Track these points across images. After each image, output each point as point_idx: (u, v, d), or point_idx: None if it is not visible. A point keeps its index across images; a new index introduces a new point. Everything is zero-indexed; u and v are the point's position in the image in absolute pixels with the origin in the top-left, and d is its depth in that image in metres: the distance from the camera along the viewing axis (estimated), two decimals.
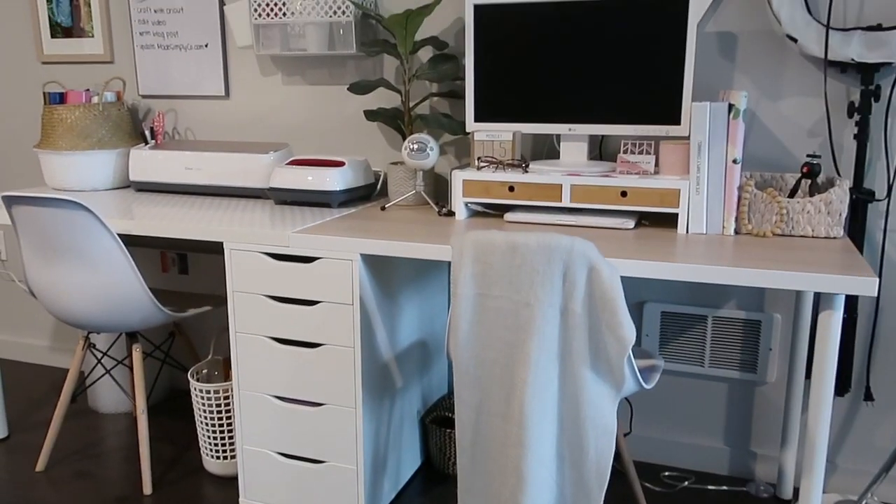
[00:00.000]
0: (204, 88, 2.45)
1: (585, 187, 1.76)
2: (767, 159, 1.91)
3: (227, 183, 2.22)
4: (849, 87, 1.81)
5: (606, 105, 1.86)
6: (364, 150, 2.31)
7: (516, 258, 1.37)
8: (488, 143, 1.93)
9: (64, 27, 2.59)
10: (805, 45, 1.76)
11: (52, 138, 2.34)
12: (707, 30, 1.90)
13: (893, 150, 1.80)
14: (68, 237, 1.84)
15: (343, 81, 2.28)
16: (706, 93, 1.93)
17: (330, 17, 2.10)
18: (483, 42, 1.93)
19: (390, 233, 1.70)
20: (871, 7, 1.76)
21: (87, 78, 2.61)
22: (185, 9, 2.40)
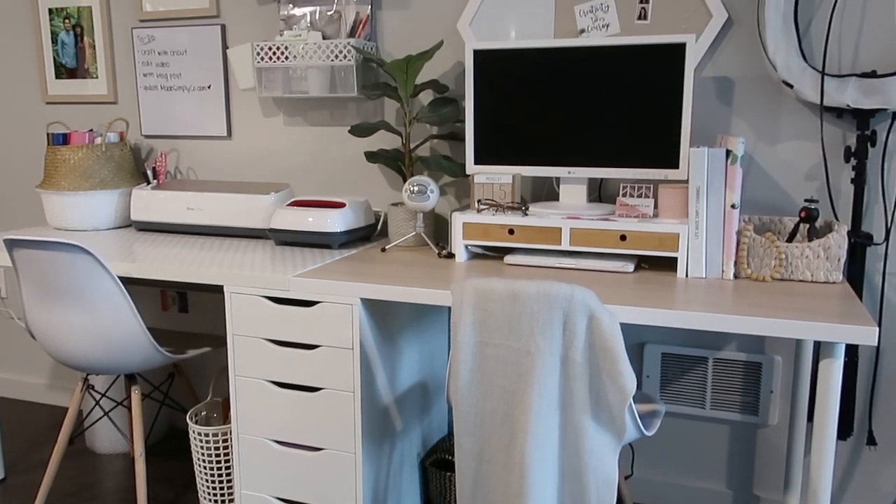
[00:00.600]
0: (206, 129, 2.48)
1: (585, 231, 1.77)
2: (766, 202, 1.92)
3: (228, 223, 2.23)
4: (845, 131, 1.83)
5: (605, 149, 1.88)
6: (365, 190, 2.33)
7: (516, 306, 1.37)
8: (488, 186, 1.94)
9: (68, 68, 2.62)
10: (801, 91, 1.78)
11: (54, 178, 2.35)
12: (704, 74, 1.92)
13: (890, 194, 1.81)
14: (69, 280, 1.84)
15: (344, 122, 2.31)
16: (704, 137, 1.94)
17: (331, 62, 2.13)
18: (483, 86, 1.95)
19: (390, 276, 1.71)
20: (865, 54, 1.78)
21: (90, 118, 2.64)
22: (189, 51, 2.44)
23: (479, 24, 2.09)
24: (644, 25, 1.94)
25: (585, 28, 1.99)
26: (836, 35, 1.80)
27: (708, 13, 1.88)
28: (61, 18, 2.59)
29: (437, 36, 2.15)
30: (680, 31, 1.91)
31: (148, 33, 2.48)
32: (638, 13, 1.94)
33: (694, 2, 1.89)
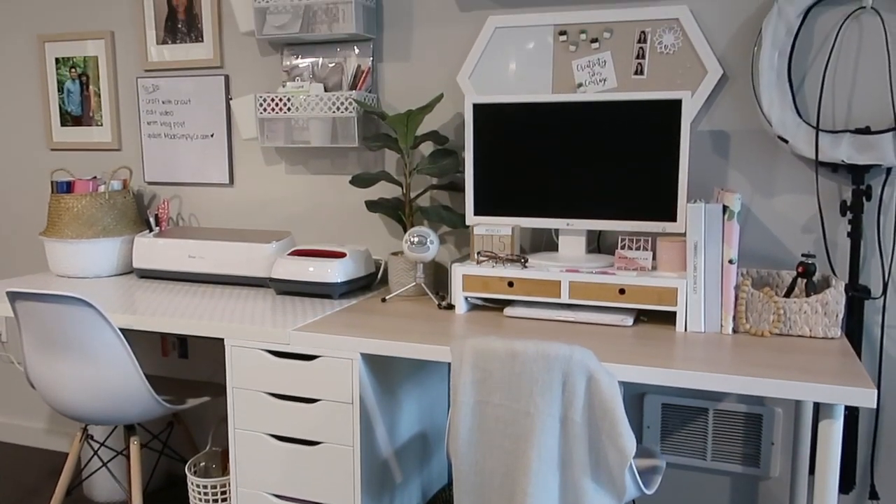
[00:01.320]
0: (209, 176, 2.50)
1: (584, 284, 1.78)
2: (763, 254, 1.93)
3: (229, 272, 2.25)
4: (840, 185, 1.85)
5: (604, 201, 1.90)
6: (365, 238, 2.34)
7: (516, 366, 1.37)
8: (487, 237, 1.96)
9: (74, 116, 2.66)
10: (796, 147, 1.80)
11: (58, 226, 2.37)
12: (701, 128, 1.95)
13: (887, 248, 1.82)
14: (71, 332, 1.85)
15: (345, 171, 2.33)
16: (701, 189, 1.96)
17: (333, 113, 2.16)
18: (482, 139, 1.98)
19: (390, 330, 1.71)
20: (859, 109, 1.81)
21: (94, 164, 2.67)
22: (193, 100, 2.47)
23: (478, 77, 2.12)
24: (641, 80, 1.97)
25: (583, 82, 2.02)
26: (830, 91, 1.83)
27: (703, 69, 1.91)
28: (68, 68, 2.64)
29: (437, 88, 2.19)
30: (676, 87, 1.94)
31: (152, 82, 2.52)
32: (634, 68, 1.97)
33: (689, 58, 1.92)
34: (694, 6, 1.91)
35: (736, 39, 1.89)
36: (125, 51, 2.55)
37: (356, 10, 2.11)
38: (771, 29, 1.79)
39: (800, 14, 1.78)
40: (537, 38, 2.05)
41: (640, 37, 1.96)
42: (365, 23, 2.16)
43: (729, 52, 1.90)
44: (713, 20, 1.90)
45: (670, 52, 1.94)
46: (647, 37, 1.95)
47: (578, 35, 2.01)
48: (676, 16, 1.91)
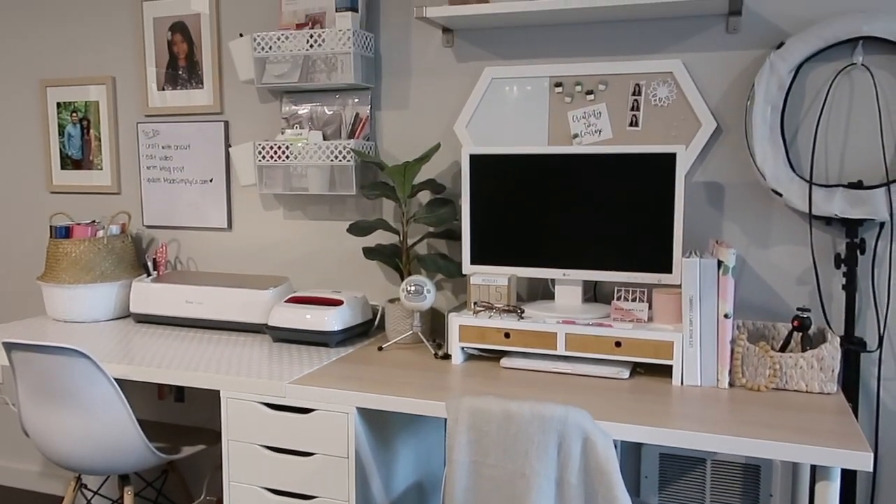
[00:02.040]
0: (207, 220, 2.51)
1: (580, 336, 1.79)
2: (759, 305, 1.94)
3: (226, 318, 2.25)
4: (834, 237, 1.86)
5: (599, 252, 1.91)
6: (363, 283, 2.35)
7: (511, 427, 1.37)
8: (484, 287, 1.96)
9: (74, 159, 2.68)
10: (790, 200, 1.82)
11: (55, 271, 2.38)
12: (695, 179, 1.97)
13: (881, 301, 1.83)
14: (66, 383, 1.84)
15: (343, 217, 2.34)
16: (697, 240, 1.98)
17: (331, 162, 2.18)
18: (479, 189, 1.99)
19: (387, 383, 1.71)
20: (851, 164, 1.83)
21: (94, 208, 2.68)
22: (192, 145, 2.49)
23: (475, 127, 2.14)
24: (636, 132, 1.99)
25: (579, 133, 2.05)
26: (823, 145, 1.85)
27: (697, 121, 1.93)
28: (69, 112, 2.66)
29: (434, 136, 2.21)
30: (670, 139, 1.96)
31: (153, 127, 2.54)
32: (629, 120, 2.00)
33: (683, 110, 1.94)
34: (687, 60, 1.93)
35: (729, 93, 1.91)
36: (126, 96, 2.58)
37: (355, 60, 2.14)
38: (763, 84, 1.81)
39: (791, 70, 1.80)
40: (533, 89, 2.08)
41: (634, 89, 1.99)
42: (363, 73, 2.19)
43: (722, 106, 1.92)
44: (706, 74, 1.93)
45: (665, 104, 1.96)
46: (642, 89, 1.98)
47: (574, 87, 2.04)
48: (670, 69, 1.94)
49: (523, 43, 2.08)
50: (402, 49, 2.21)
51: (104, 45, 2.59)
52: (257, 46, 2.20)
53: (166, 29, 2.48)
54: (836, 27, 1.75)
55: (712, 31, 1.91)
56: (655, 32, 1.96)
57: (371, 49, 2.21)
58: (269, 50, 2.19)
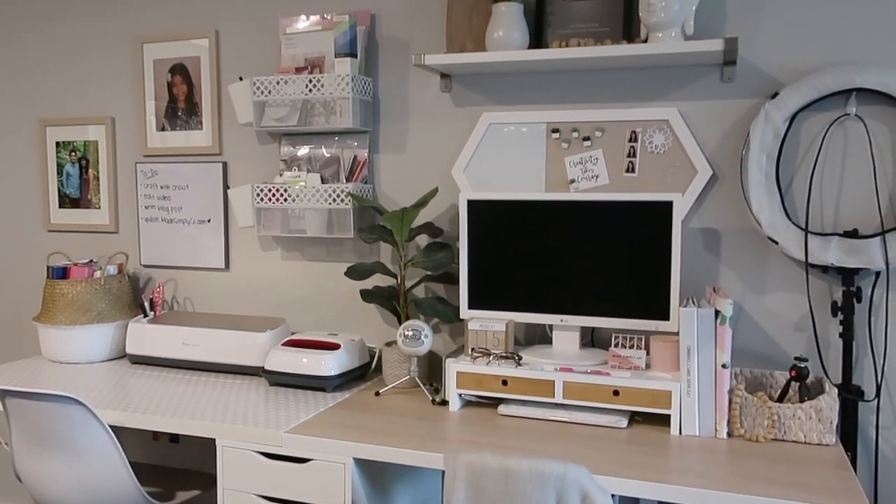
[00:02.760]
0: (205, 260, 2.51)
1: (578, 384, 1.78)
2: (756, 352, 1.94)
3: (222, 360, 2.24)
4: (831, 285, 1.87)
5: (597, 298, 1.91)
6: (360, 325, 2.34)
7: (509, 485, 1.36)
8: (482, 333, 1.96)
9: (72, 198, 2.68)
10: (786, 248, 1.83)
11: (52, 312, 2.37)
12: (692, 226, 1.98)
13: (878, 349, 1.83)
14: (61, 430, 1.83)
15: (341, 259, 2.35)
16: (693, 286, 1.98)
17: (329, 205, 2.19)
18: (476, 234, 2.00)
19: (383, 431, 1.70)
20: (847, 213, 1.84)
21: (91, 246, 2.68)
22: (191, 186, 2.50)
23: (473, 171, 2.16)
24: (632, 178, 2.01)
25: (576, 178, 2.06)
26: (818, 194, 1.86)
27: (693, 169, 1.95)
28: (68, 151, 2.67)
29: (432, 179, 2.22)
30: (666, 186, 1.98)
31: (151, 167, 2.55)
32: (626, 166, 2.01)
33: (679, 157, 1.96)
34: (683, 108, 1.95)
35: (725, 141, 1.93)
36: (125, 136, 2.59)
37: (353, 104, 2.15)
38: (758, 133, 1.83)
39: (786, 119, 1.82)
40: (530, 135, 2.10)
41: (630, 136, 2.00)
42: (362, 117, 2.20)
43: (718, 153, 1.94)
44: (702, 122, 1.95)
45: (660, 151, 1.98)
46: (638, 136, 2.00)
47: (571, 133, 2.06)
48: (666, 117, 1.96)
49: (520, 89, 2.10)
50: (401, 93, 2.23)
51: (104, 86, 2.61)
52: (256, 90, 2.22)
53: (166, 70, 2.50)
54: (830, 78, 1.77)
55: (708, 80, 1.93)
56: (651, 80, 1.98)
57: (370, 93, 2.23)
58: (269, 94, 2.21)
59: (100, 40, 2.60)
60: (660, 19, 1.80)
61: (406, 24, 2.21)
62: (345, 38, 2.15)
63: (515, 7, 1.94)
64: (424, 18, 2.18)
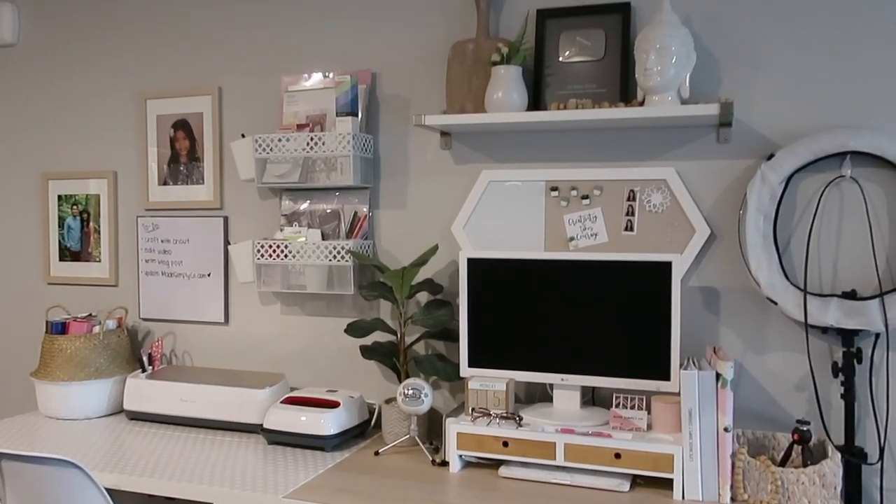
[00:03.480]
0: (204, 314, 2.51)
1: (579, 447, 1.77)
2: (758, 413, 1.93)
3: (221, 417, 2.22)
4: (831, 345, 1.87)
5: (597, 357, 1.91)
6: (359, 381, 2.33)
7: None
8: (482, 392, 1.95)
9: (73, 251, 2.69)
10: (785, 309, 1.83)
11: (50, 368, 2.36)
12: (691, 284, 1.98)
13: (881, 410, 1.82)
14: (57, 494, 1.80)
15: (341, 314, 2.34)
16: (694, 346, 1.98)
17: (329, 261, 2.20)
18: (476, 292, 2.00)
19: (383, 496, 1.69)
20: (845, 273, 1.85)
21: (90, 300, 2.68)
22: (191, 240, 2.51)
23: (473, 228, 2.17)
24: (631, 237, 2.02)
25: (575, 236, 2.07)
26: (816, 255, 1.87)
27: (692, 228, 1.96)
28: (70, 204, 2.69)
29: (432, 236, 2.23)
30: (665, 244, 1.99)
31: (153, 221, 2.56)
32: (625, 225, 2.02)
33: (678, 217, 1.97)
34: (681, 168, 1.97)
35: (722, 200, 1.95)
36: (127, 189, 2.61)
37: (354, 162, 2.18)
38: (755, 194, 1.84)
39: (782, 181, 1.84)
40: (530, 193, 2.11)
41: (629, 195, 2.02)
42: (363, 174, 2.22)
43: (716, 212, 1.96)
44: (699, 182, 1.96)
45: (659, 210, 1.99)
46: (636, 195, 2.01)
47: (570, 191, 2.07)
48: (664, 177, 1.98)
49: (520, 147, 2.13)
50: (401, 150, 2.26)
51: (107, 140, 2.63)
52: (259, 147, 2.24)
53: (169, 126, 2.53)
54: (824, 141, 1.79)
55: (704, 141, 1.96)
56: (649, 140, 2.00)
57: (370, 150, 2.26)
58: (270, 151, 2.23)
59: (104, 95, 2.63)
60: (656, 83, 1.83)
61: (407, 82, 2.24)
62: (346, 97, 2.18)
63: (514, 70, 1.97)
64: (425, 77, 2.22)
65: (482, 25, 2.07)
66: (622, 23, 1.99)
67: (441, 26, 2.20)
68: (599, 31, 2.01)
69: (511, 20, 2.12)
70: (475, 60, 2.04)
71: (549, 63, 2.05)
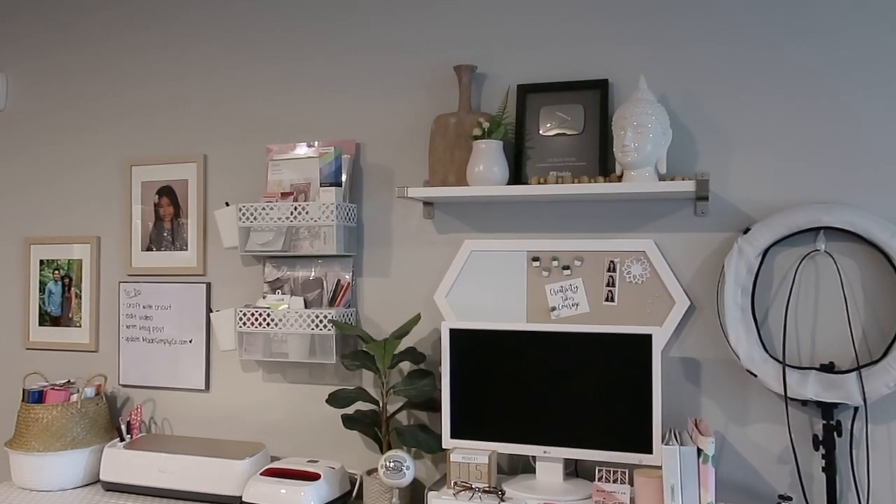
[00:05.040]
0: (184, 381, 2.49)
1: None
2: (741, 485, 1.92)
3: (200, 489, 2.18)
4: (811, 417, 1.88)
5: (580, 429, 1.91)
6: (341, 450, 2.30)
7: None
8: (464, 466, 1.94)
9: (53, 316, 2.67)
10: (765, 381, 1.84)
11: (25, 438, 2.31)
12: (672, 355, 2.00)
13: (861, 484, 1.83)
14: None
15: (323, 382, 2.33)
16: (675, 417, 1.98)
17: (311, 330, 2.19)
18: (459, 363, 2.01)
19: None
20: (823, 345, 1.87)
21: (70, 366, 2.64)
22: (173, 306, 2.50)
23: (455, 297, 2.18)
24: (611, 307, 2.04)
25: (556, 306, 2.09)
26: (794, 327, 1.90)
27: (671, 299, 1.98)
28: (51, 269, 2.68)
29: (415, 304, 2.24)
30: (646, 315, 2.00)
31: (135, 287, 2.56)
32: (605, 295, 2.05)
33: (657, 288, 2.00)
34: (659, 240, 2.01)
35: (701, 272, 1.98)
36: (110, 255, 2.61)
37: (338, 231, 2.19)
38: (733, 267, 1.87)
39: (759, 254, 1.87)
40: (512, 263, 2.13)
41: (609, 266, 2.05)
42: (346, 243, 2.24)
43: (695, 284, 1.98)
44: (678, 254, 2.00)
45: (639, 281, 2.02)
46: (616, 266, 2.04)
47: (551, 261, 2.10)
48: (643, 248, 2.01)
49: (501, 217, 2.16)
50: (385, 219, 2.28)
51: (91, 205, 2.64)
52: (242, 216, 2.26)
53: (154, 192, 2.54)
54: (798, 216, 1.83)
55: (682, 214, 2.00)
56: (628, 212, 2.04)
57: (354, 219, 2.28)
58: (254, 220, 2.25)
59: (89, 161, 2.65)
60: (633, 159, 1.87)
61: (390, 153, 2.28)
62: (330, 168, 2.21)
63: (495, 144, 2.01)
64: (408, 149, 2.26)
65: (464, 99, 2.12)
66: (601, 98, 2.05)
67: (424, 100, 2.25)
68: (578, 107, 2.06)
69: (492, 94, 2.17)
70: (457, 134, 2.08)
71: (529, 136, 2.10)
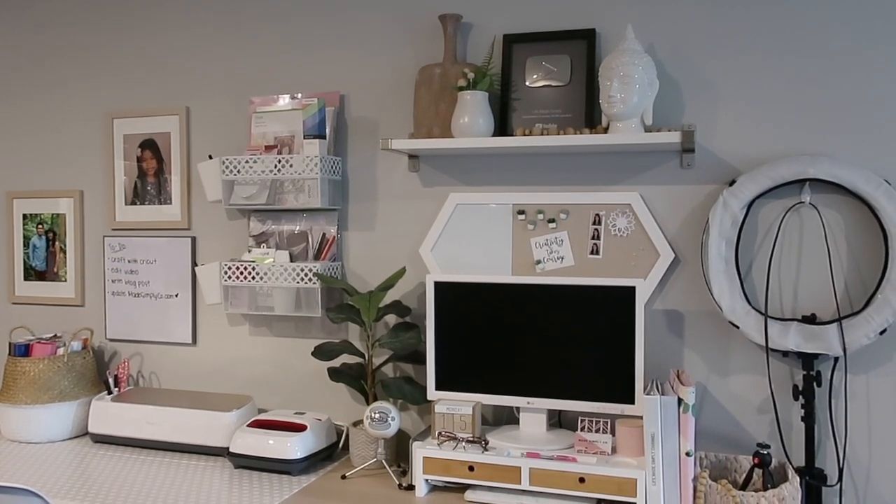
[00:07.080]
0: (171, 335, 2.49)
1: (544, 471, 1.78)
2: (721, 435, 1.95)
3: (187, 440, 2.20)
4: (792, 368, 1.90)
5: (563, 381, 1.92)
6: (328, 402, 2.32)
7: None
8: (448, 416, 1.96)
9: (38, 271, 2.65)
10: (747, 333, 1.85)
11: (12, 391, 2.32)
12: (655, 307, 2.01)
13: (840, 433, 1.85)
14: None
15: (309, 335, 2.34)
16: (658, 368, 2.00)
17: (297, 284, 2.19)
18: (444, 315, 2.01)
19: None
20: (805, 297, 1.88)
21: (56, 320, 2.64)
22: (159, 260, 2.49)
23: (440, 250, 2.17)
24: (597, 260, 2.04)
25: (541, 259, 2.09)
26: (777, 279, 1.90)
27: (656, 252, 1.98)
28: (35, 224, 2.65)
29: (400, 257, 2.24)
30: (630, 268, 2.01)
31: (119, 241, 2.54)
32: (590, 248, 2.04)
33: (642, 241, 2.00)
34: (645, 193, 2.00)
35: (686, 225, 1.97)
36: (94, 209, 2.59)
37: (322, 184, 2.17)
38: (717, 219, 1.87)
39: (744, 206, 1.87)
40: (497, 216, 2.13)
41: (594, 219, 2.04)
42: (330, 196, 2.22)
43: (680, 237, 1.98)
44: (663, 206, 1.99)
45: (624, 234, 2.01)
46: (602, 219, 2.03)
47: (536, 215, 2.09)
48: (628, 201, 2.00)
49: (487, 170, 2.14)
50: (369, 173, 2.26)
51: (74, 159, 2.61)
52: (226, 169, 2.23)
53: (136, 146, 2.51)
54: (784, 168, 1.82)
55: (668, 166, 1.98)
56: (613, 165, 2.03)
57: (338, 172, 2.26)
58: (238, 173, 2.23)
59: (70, 114, 2.60)
60: (619, 110, 1.85)
61: (375, 106, 2.25)
62: (313, 120, 2.18)
63: (480, 95, 1.98)
64: (393, 101, 2.23)
65: (449, 50, 2.08)
66: (587, 49, 2.01)
67: (409, 50, 2.21)
68: (565, 57, 2.03)
69: (478, 45, 2.14)
70: (442, 85, 2.05)
71: (515, 87, 2.07)
